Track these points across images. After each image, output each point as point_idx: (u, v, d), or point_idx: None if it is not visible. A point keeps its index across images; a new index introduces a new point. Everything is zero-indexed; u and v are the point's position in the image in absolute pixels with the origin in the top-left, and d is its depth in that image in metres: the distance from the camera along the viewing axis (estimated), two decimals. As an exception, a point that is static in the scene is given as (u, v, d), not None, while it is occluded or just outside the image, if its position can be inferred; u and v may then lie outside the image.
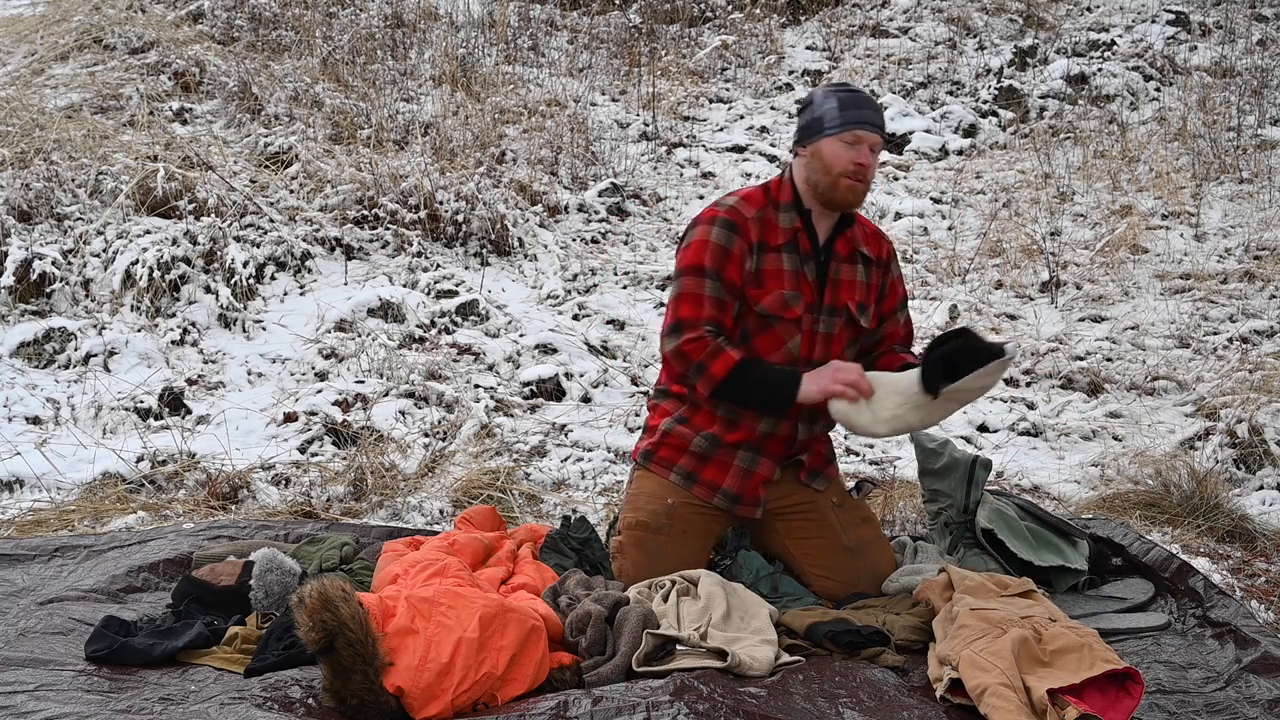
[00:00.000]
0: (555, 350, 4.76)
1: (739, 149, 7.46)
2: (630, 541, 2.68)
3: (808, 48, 9.08)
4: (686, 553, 2.65)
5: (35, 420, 3.95)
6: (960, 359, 2.42)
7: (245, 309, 4.82)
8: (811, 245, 2.66)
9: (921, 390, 2.46)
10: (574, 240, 6.04)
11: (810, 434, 2.71)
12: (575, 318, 5.21)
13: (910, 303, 5.41)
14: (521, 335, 4.87)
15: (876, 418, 2.50)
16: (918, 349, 2.88)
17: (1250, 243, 5.90)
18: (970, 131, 7.82)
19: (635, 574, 2.61)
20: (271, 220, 5.40)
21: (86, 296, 4.71)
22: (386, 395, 4.20)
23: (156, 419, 4.00)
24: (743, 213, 2.63)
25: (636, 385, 4.57)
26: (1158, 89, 8.05)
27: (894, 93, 8.21)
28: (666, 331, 2.63)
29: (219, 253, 4.95)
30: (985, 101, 8.09)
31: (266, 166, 6.03)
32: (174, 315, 4.66)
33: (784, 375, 2.56)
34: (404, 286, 5.13)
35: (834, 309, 2.67)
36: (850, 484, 2.91)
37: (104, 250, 4.85)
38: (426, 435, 3.96)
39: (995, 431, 4.31)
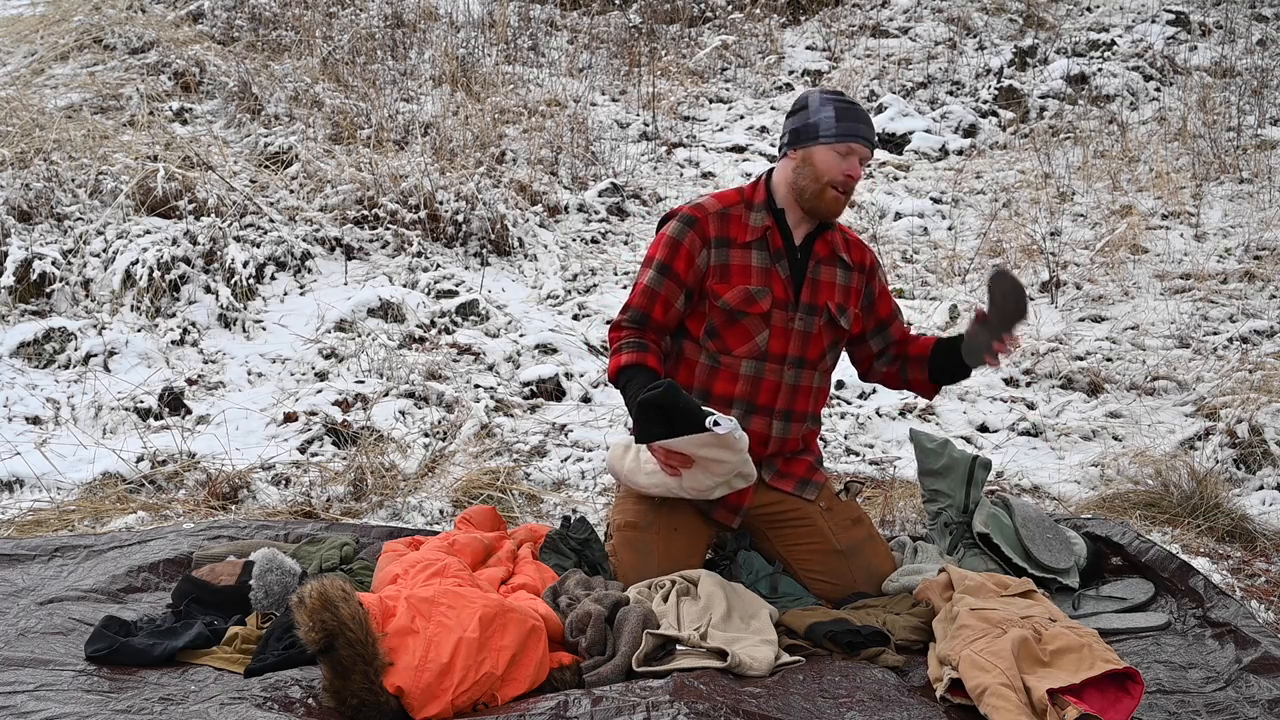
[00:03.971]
0: (555, 350, 4.76)
1: (739, 149, 7.46)
2: (621, 543, 2.70)
3: (808, 48, 9.08)
4: (678, 550, 2.65)
5: (35, 420, 3.94)
6: (679, 416, 2.41)
7: (245, 309, 4.82)
8: (785, 243, 2.69)
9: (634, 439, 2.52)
10: (574, 240, 6.04)
11: (786, 433, 2.71)
12: (575, 318, 5.21)
13: (910, 303, 5.47)
14: (521, 335, 4.87)
15: (640, 469, 2.57)
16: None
17: (1250, 243, 5.90)
18: (970, 131, 7.82)
19: (630, 574, 2.62)
20: (271, 220, 5.40)
21: (86, 296, 4.71)
22: (386, 395, 4.20)
23: (156, 419, 4.00)
24: (705, 208, 2.69)
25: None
26: (1158, 89, 8.05)
27: (894, 93, 8.21)
28: None
29: (219, 253, 4.95)
30: (985, 101, 8.09)
31: (266, 166, 6.03)
32: (174, 315, 4.66)
33: (630, 400, 2.57)
34: (404, 286, 5.13)
35: (813, 307, 2.69)
36: (838, 486, 2.91)
37: (104, 250, 4.85)
38: (426, 435, 3.96)
39: (995, 431, 4.31)
